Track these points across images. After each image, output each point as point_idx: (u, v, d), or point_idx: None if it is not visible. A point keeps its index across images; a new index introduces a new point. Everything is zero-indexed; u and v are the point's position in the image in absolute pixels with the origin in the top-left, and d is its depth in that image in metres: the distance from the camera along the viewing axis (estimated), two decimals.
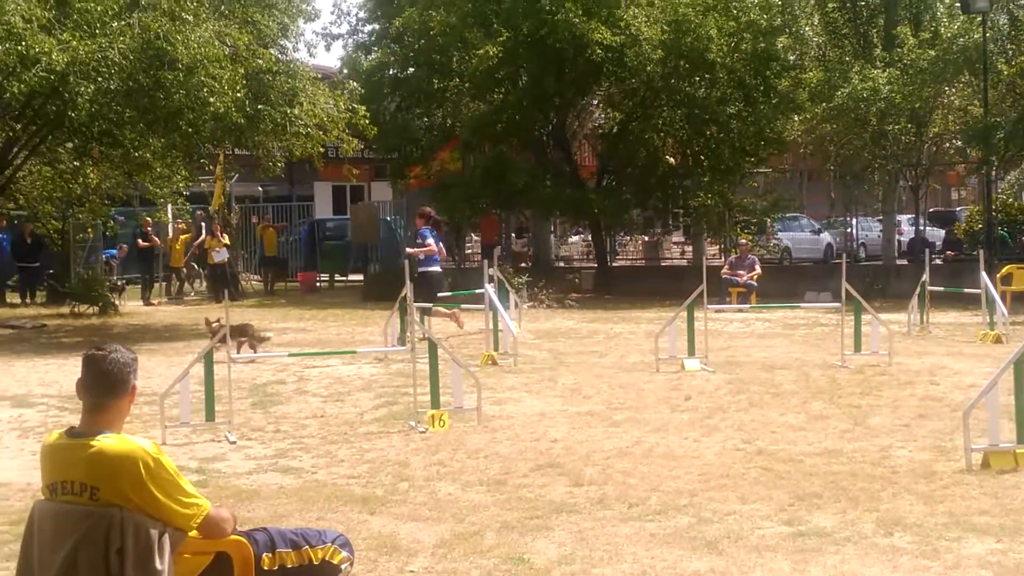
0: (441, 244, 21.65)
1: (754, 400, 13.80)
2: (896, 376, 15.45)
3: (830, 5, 35.80)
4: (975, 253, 23.87)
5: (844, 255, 21.15)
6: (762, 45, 31.89)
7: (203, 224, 34.32)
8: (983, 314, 20.88)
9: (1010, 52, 32.22)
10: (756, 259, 28.45)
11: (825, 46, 35.79)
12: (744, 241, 30.22)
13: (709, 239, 36.43)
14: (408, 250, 21.67)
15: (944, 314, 23.60)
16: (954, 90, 33.13)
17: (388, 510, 8.85)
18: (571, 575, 7.20)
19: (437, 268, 20.84)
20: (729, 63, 31.33)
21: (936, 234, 39.01)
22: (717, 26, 30.63)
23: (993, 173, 32.82)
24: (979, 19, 30.37)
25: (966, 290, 22.58)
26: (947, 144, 35.84)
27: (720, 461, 10.41)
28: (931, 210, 42.91)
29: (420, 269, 20.22)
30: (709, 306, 18.10)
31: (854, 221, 37.98)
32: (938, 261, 32.66)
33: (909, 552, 7.51)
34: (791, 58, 33.91)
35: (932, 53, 31.25)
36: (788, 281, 31.00)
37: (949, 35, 31.96)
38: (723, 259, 32.38)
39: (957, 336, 20.70)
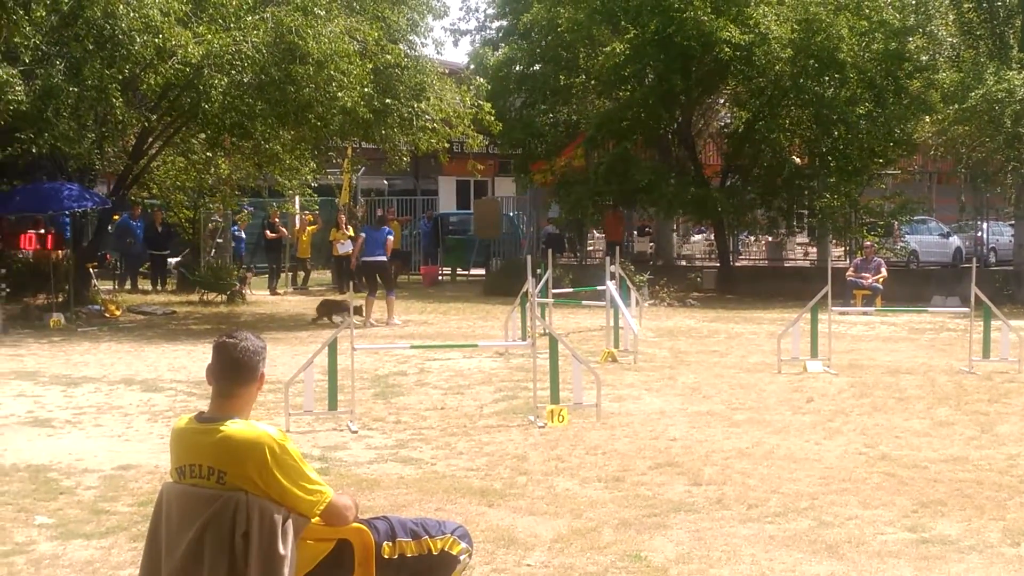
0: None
1: (878, 404, 13.63)
2: None
3: (965, 5, 35.14)
4: None
5: (974, 259, 20.79)
6: (894, 45, 31.45)
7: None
8: None
9: None
10: (882, 262, 28.03)
11: (959, 46, 35.09)
12: (870, 243, 29.81)
13: (834, 241, 35.96)
14: None
15: None
16: None
17: (506, 503, 8.90)
18: (688, 574, 7.18)
19: None
20: (859, 63, 30.94)
21: None
22: (848, 25, 30.25)
23: None
24: None
25: None
26: None
27: (842, 465, 10.30)
28: None
29: None
30: (833, 308, 17.89)
31: (984, 225, 37.20)
32: None
33: None
34: (923, 58, 33.30)
35: None
36: (915, 285, 30.52)
37: None
38: (848, 261, 31.92)
39: None
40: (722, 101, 36.39)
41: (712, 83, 33.46)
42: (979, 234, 36.87)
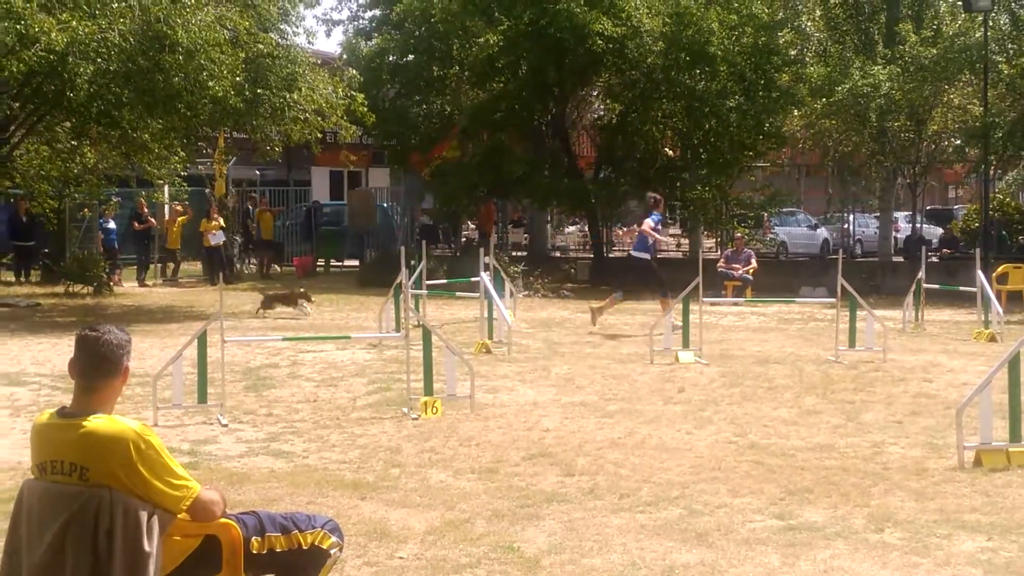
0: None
1: (747, 394, 13.82)
2: (890, 373, 15.47)
3: (832, 1, 35.83)
4: (972, 252, 23.87)
5: (840, 251, 21.19)
6: (763, 39, 31.93)
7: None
8: (978, 312, 20.90)
9: (1011, 52, 32.19)
10: (752, 253, 28.42)
11: (826, 41, 35.77)
12: (740, 235, 30.29)
13: (706, 232, 36.45)
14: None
15: (939, 312, 23.64)
16: (954, 88, 33.21)
17: (379, 496, 8.84)
18: (560, 565, 7.18)
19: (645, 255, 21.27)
20: (730, 56, 31.32)
21: (933, 232, 39.06)
22: (718, 19, 30.65)
23: (991, 172, 32.82)
24: (980, 18, 30.37)
25: (962, 288, 22.56)
26: (946, 142, 35.85)
27: (712, 454, 10.41)
28: (928, 208, 42.95)
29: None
30: (704, 299, 18.10)
31: (851, 217, 38.01)
32: (934, 259, 32.62)
33: (899, 548, 7.50)
34: (792, 53, 33.91)
35: (933, 51, 31.29)
36: (784, 276, 31.03)
37: (951, 33, 32.02)
38: (719, 252, 32.36)
39: (952, 334, 20.71)
40: (595, 93, 36.61)
41: (585, 75, 33.61)
42: (846, 226, 37.64)
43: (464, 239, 39.23)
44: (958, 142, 35.18)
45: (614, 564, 7.19)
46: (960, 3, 32.32)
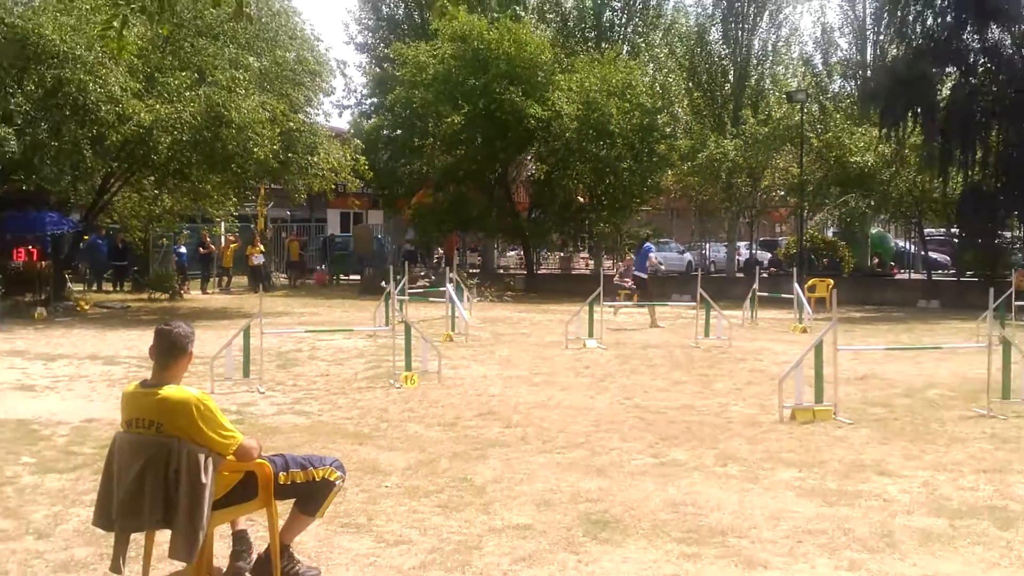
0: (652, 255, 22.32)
1: (633, 369, 13.86)
2: (733, 355, 15.57)
3: (695, 94, 36.12)
4: (791, 270, 24.10)
5: (699, 269, 21.31)
6: (647, 120, 32.16)
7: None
8: (795, 312, 21.11)
9: (819, 130, 32.59)
10: None
11: (691, 122, 36.06)
12: (630, 257, 30.24)
13: (606, 255, 36.57)
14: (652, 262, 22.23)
15: (768, 312, 23.84)
16: (780, 156, 33.52)
17: (372, 443, 8.80)
18: (500, 491, 7.17)
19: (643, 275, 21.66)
20: (624, 132, 31.50)
21: (764, 255, 39.35)
22: (616, 106, 30.81)
23: (805, 214, 33.16)
24: (799, 106, 30.76)
25: (783, 295, 22.79)
26: (774, 193, 36.18)
27: (608, 411, 10.44)
28: (761, 239, 43.25)
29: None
30: (604, 303, 18.17)
31: (707, 245, 38.29)
32: (765, 275, 32.91)
33: (737, 478, 7.56)
34: (667, 130, 34.14)
35: (765, 129, 31.65)
36: (661, 286, 31.03)
37: (777, 117, 32.40)
38: (615, 270, 32.43)
39: (776, 328, 20.89)
40: (529, 157, 36.62)
41: (522, 145, 33.65)
42: (703, 251, 37.88)
43: (436, 260, 39.12)
44: (782, 193, 35.57)
45: (538, 490, 7.20)
46: (784, 96, 32.70)
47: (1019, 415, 10.06)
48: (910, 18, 28.82)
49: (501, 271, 38.27)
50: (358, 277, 36.45)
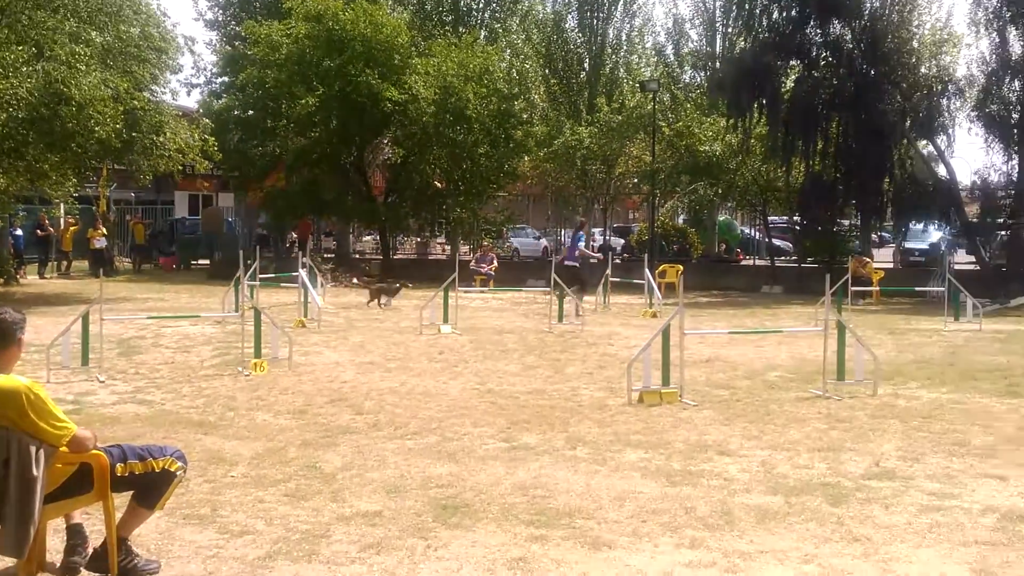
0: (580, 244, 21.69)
1: (487, 354, 13.94)
2: (585, 339, 15.83)
3: (552, 81, 36.50)
4: (642, 256, 24.62)
5: (554, 255, 21.58)
6: (504, 106, 32.24)
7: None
8: (646, 297, 21.59)
9: (670, 119, 33.40)
10: (494, 256, 28.73)
11: (548, 109, 36.44)
12: (486, 243, 30.55)
13: (463, 241, 36.64)
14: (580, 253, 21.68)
15: (620, 297, 24.28)
16: (633, 144, 34.19)
17: (217, 432, 8.61)
18: (350, 478, 7.13)
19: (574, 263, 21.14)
20: (481, 118, 31.44)
21: (618, 242, 40.09)
22: (473, 91, 30.78)
23: (656, 201, 33.96)
24: (651, 96, 31.43)
25: (635, 281, 23.27)
26: (627, 180, 36.93)
27: (461, 397, 10.48)
28: (615, 225, 44.07)
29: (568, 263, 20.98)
30: (460, 288, 18.21)
31: (562, 232, 38.74)
32: (618, 260, 33.54)
33: (586, 460, 7.70)
34: (524, 116, 34.36)
35: (619, 118, 32.22)
36: (517, 271, 31.35)
37: (631, 106, 33.02)
38: (471, 255, 32.56)
39: (628, 312, 21.32)
40: (386, 141, 36.27)
41: (379, 128, 33.25)
42: (559, 237, 38.32)
43: (289, 244, 38.41)
44: (635, 181, 36.34)
45: (388, 476, 7.19)
46: (637, 85, 33.38)
47: (853, 395, 10.56)
48: (757, 12, 29.81)
49: (357, 256, 37.89)
50: (207, 262, 35.55)
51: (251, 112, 33.24)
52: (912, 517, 6.21)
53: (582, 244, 20.74)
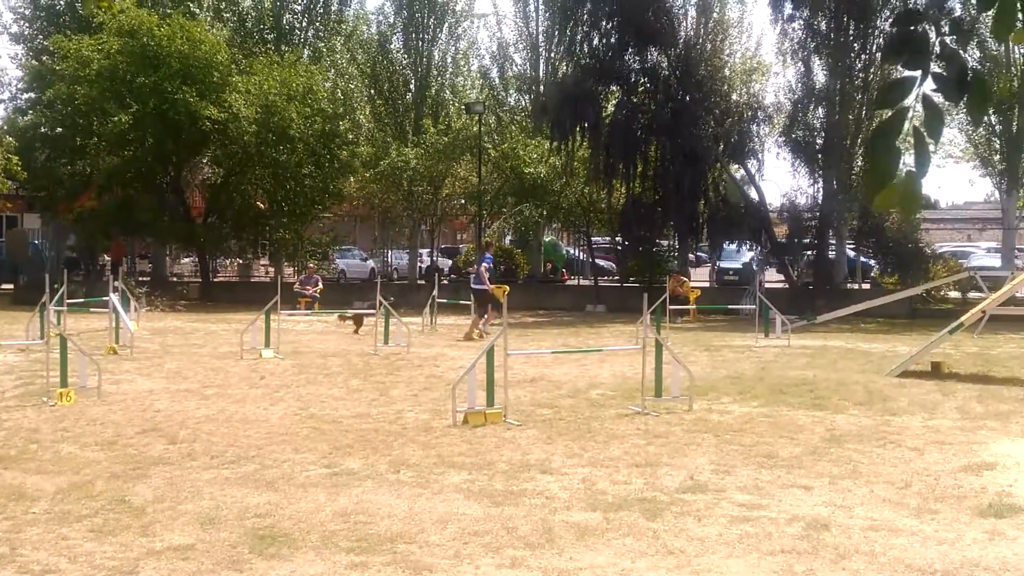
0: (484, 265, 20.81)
1: (311, 379, 13.73)
2: (412, 361, 15.80)
3: (378, 101, 36.37)
4: (469, 276, 24.73)
5: (379, 276, 21.47)
6: (329, 126, 31.95)
7: None
8: (474, 318, 21.62)
9: (496, 141, 33.83)
10: (319, 278, 28.26)
11: (374, 130, 36.23)
12: (311, 265, 30.03)
13: (287, 263, 35.96)
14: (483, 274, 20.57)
15: (447, 318, 24.34)
16: (459, 165, 34.41)
17: (18, 466, 8.14)
18: (162, 511, 6.86)
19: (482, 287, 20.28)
20: (305, 138, 31.09)
21: (446, 263, 40.29)
22: (297, 111, 30.40)
23: (483, 222, 34.26)
24: (477, 118, 31.76)
25: (462, 302, 23.35)
26: (455, 201, 37.12)
27: (282, 423, 10.27)
28: (443, 246, 44.28)
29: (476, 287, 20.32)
30: (283, 311, 17.87)
31: (390, 252, 38.66)
32: (446, 281, 33.70)
33: (409, 484, 7.66)
34: (350, 136, 34.07)
35: (446, 139, 32.36)
36: (344, 293, 31.06)
37: (457, 127, 33.22)
38: (296, 277, 32.01)
39: (455, 333, 21.35)
40: (205, 160, 35.35)
41: (197, 147, 32.40)
42: (386, 259, 38.20)
43: (100, 267, 36.81)
44: (463, 201, 36.58)
45: (203, 507, 6.96)
46: (463, 107, 33.67)
47: (670, 411, 10.90)
48: (578, 38, 30.53)
49: (174, 279, 36.68)
50: (11, 286, 33.72)
51: (60, 129, 31.82)
52: (723, 528, 6.44)
53: (485, 266, 20.65)
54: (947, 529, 6.44)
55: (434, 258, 37.68)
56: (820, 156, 29.20)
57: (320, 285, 27.08)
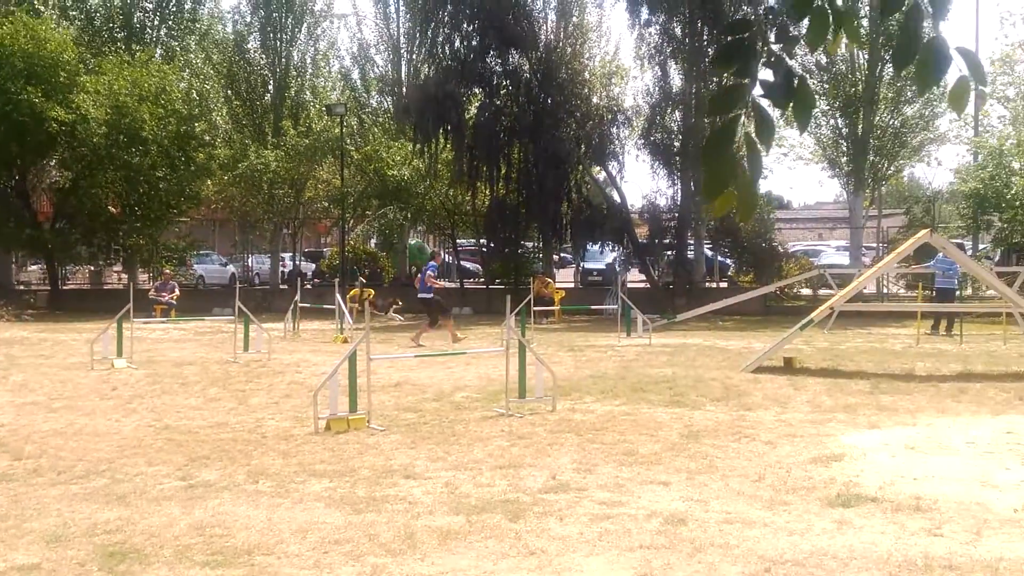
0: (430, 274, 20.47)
1: (166, 388, 13.34)
2: (272, 368, 15.52)
3: (235, 103, 35.58)
4: (335, 280, 24.48)
5: (238, 281, 21.05)
6: (184, 128, 31.14)
7: None
8: (336, 322, 21.46)
9: (359, 143, 33.53)
10: (176, 284, 27.53)
11: (231, 131, 35.43)
12: (167, 271, 29.21)
13: (142, 269, 34.87)
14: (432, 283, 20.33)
15: (311, 323, 24.08)
16: (321, 167, 33.99)
17: None
18: (5, 529, 6.54)
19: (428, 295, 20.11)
20: (159, 139, 30.24)
21: (310, 267, 39.76)
22: (149, 112, 29.53)
23: (347, 226, 33.92)
24: (338, 119, 31.43)
25: (326, 306, 23.11)
26: (317, 204, 36.65)
27: (135, 435, 9.94)
28: (306, 250, 43.67)
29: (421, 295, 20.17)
30: (137, 319, 17.31)
31: (251, 257, 37.91)
32: (309, 286, 33.26)
33: (268, 494, 7.51)
34: (206, 138, 33.23)
35: (307, 141, 31.92)
36: (202, 300, 30.42)
37: (318, 129, 32.78)
38: (151, 284, 31.08)
39: (319, 339, 21.15)
40: (52, 163, 33.96)
41: (43, 150, 31.17)
42: (247, 263, 37.46)
43: None
44: (326, 204, 36.13)
45: (49, 525, 6.66)
46: (324, 109, 33.26)
47: (534, 412, 11.00)
48: (440, 40, 30.52)
49: (21, 287, 35.12)
50: None
51: None
52: (584, 527, 6.52)
53: (429, 273, 20.35)
54: (798, 520, 6.67)
55: (296, 262, 37.12)
56: (678, 158, 29.94)
57: (177, 291, 26.37)
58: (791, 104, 2.61)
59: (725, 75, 2.62)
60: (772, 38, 2.62)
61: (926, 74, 2.57)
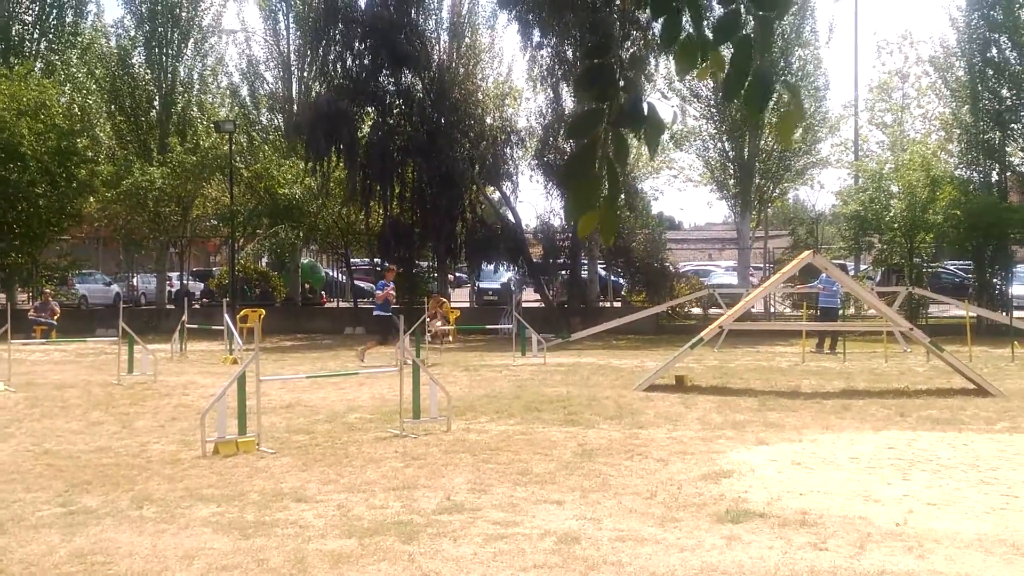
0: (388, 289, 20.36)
1: (46, 412, 12.90)
2: (159, 390, 15.14)
3: (119, 118, 34.70)
4: (226, 299, 24.03)
5: (122, 301, 20.49)
6: (65, 143, 30.20)
7: None
8: (226, 343, 21.06)
9: (248, 161, 33.02)
10: (57, 304, 26.66)
11: (115, 147, 34.51)
12: (47, 291, 28.27)
13: (20, 289, 33.64)
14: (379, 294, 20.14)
15: (199, 344, 23.57)
16: (210, 185, 33.34)
17: None
18: None
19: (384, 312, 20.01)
20: (38, 155, 29.27)
21: (198, 286, 38.93)
22: (28, 126, 28.59)
23: (236, 244, 33.32)
24: (227, 136, 30.92)
25: (215, 327, 22.65)
26: (206, 223, 35.94)
27: (12, 461, 9.58)
28: (194, 269, 42.75)
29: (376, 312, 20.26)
30: (15, 340, 16.68)
31: (136, 277, 36.95)
32: (197, 305, 32.56)
33: (153, 520, 7.31)
34: (89, 154, 32.29)
35: (194, 158, 31.28)
36: (84, 320, 29.51)
37: (206, 146, 32.19)
38: (31, 304, 30.00)
39: (207, 360, 20.71)
40: None
41: None
42: (132, 283, 36.50)
43: None
44: (215, 222, 35.45)
45: None
46: (212, 126, 32.68)
47: (428, 432, 10.95)
48: (331, 58, 30.31)
49: None
50: None
51: None
52: (478, 547, 6.52)
53: (389, 290, 19.99)
54: (688, 536, 6.78)
55: (184, 282, 36.29)
56: None
57: (57, 311, 25.51)
58: (643, 129, 2.68)
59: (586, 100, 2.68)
60: (625, 63, 2.70)
61: (752, 103, 2.71)
